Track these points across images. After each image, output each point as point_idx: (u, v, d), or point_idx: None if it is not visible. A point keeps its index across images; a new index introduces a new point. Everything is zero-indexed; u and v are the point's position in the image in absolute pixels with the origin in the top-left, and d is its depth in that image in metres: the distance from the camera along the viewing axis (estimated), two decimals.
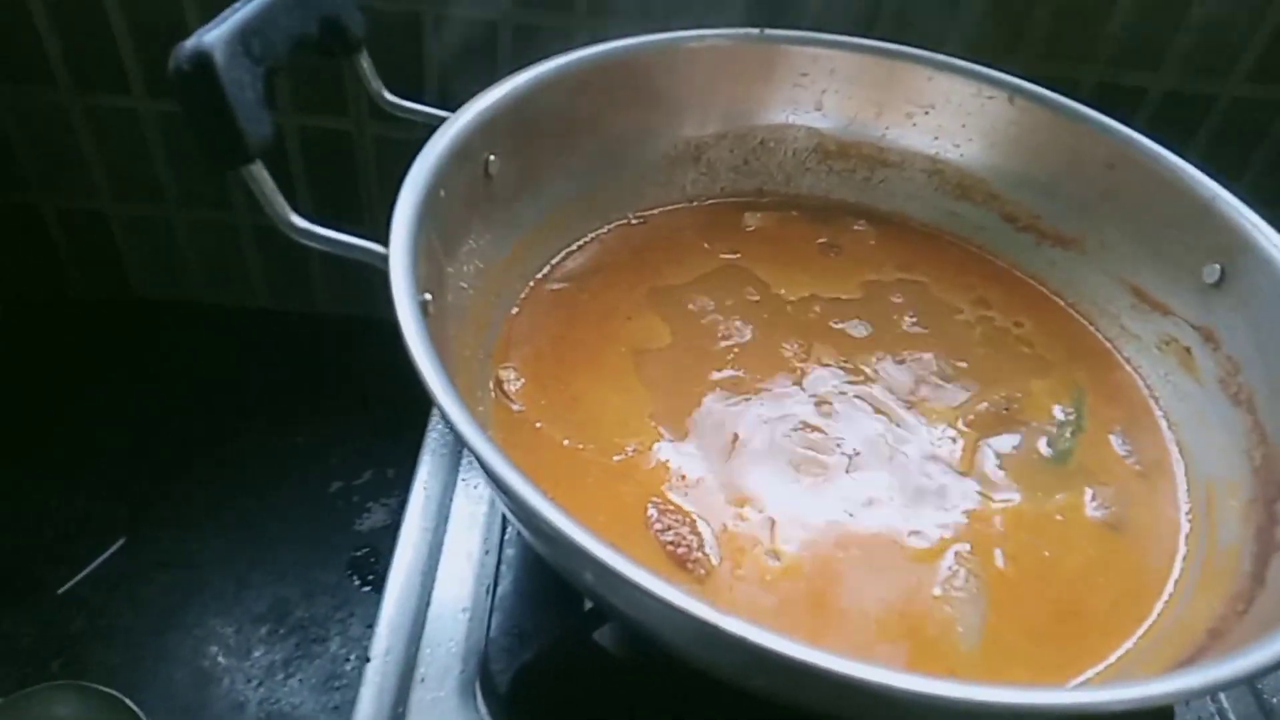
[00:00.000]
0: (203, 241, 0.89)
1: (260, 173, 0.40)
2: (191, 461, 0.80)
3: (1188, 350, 0.54)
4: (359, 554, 0.75)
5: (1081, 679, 0.42)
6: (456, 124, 0.49)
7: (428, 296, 0.43)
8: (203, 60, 0.37)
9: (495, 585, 0.51)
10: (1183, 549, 0.48)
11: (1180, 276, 0.55)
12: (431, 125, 0.50)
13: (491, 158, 0.52)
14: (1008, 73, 0.62)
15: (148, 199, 0.86)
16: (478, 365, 0.51)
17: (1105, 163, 0.59)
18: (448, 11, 0.73)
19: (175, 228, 0.88)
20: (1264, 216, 0.52)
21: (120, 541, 0.74)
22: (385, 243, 0.42)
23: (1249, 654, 0.33)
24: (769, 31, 0.62)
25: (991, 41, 0.73)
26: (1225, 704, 0.52)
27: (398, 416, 0.57)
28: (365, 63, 0.50)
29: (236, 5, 0.41)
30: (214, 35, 0.38)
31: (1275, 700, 0.52)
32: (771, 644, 0.29)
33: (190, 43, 0.37)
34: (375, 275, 0.41)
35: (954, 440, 0.51)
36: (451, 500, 0.56)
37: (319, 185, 0.84)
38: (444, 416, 0.35)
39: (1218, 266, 0.53)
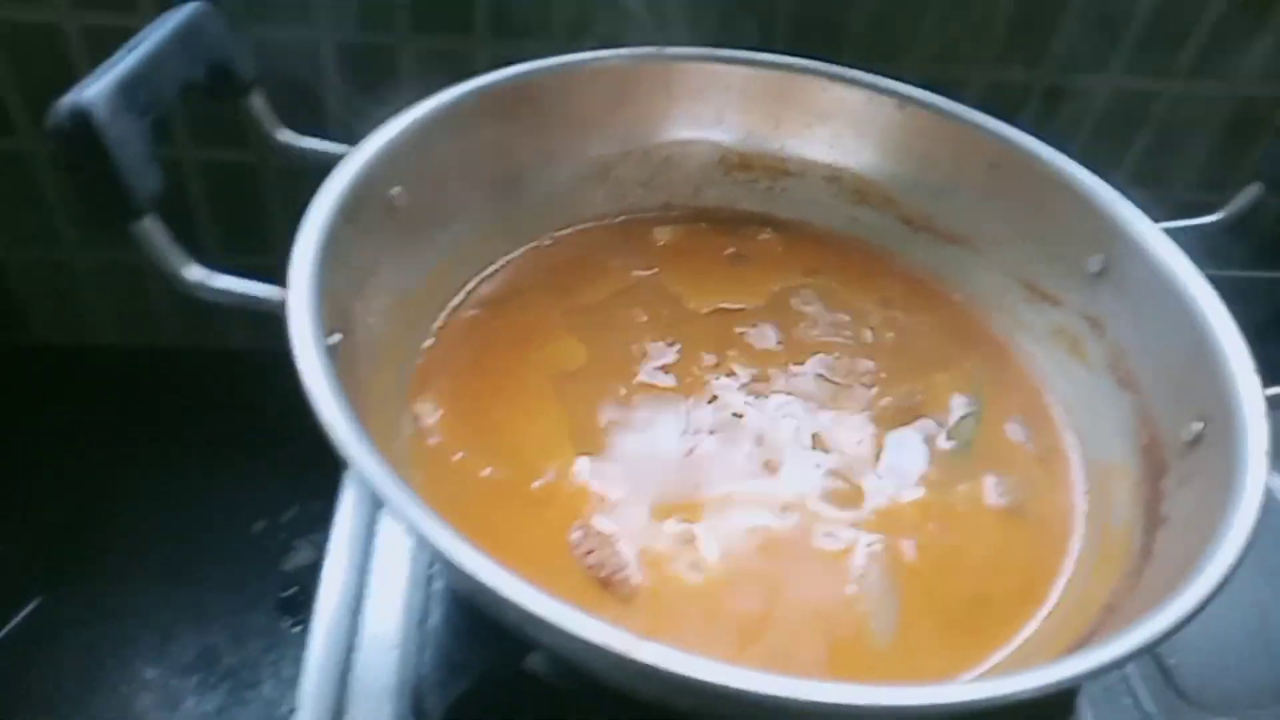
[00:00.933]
0: (105, 283, 0.87)
1: (151, 227, 0.39)
2: (107, 511, 0.78)
3: (1077, 338, 0.57)
4: (287, 594, 0.74)
5: (989, 664, 0.44)
6: (356, 160, 0.49)
7: (336, 338, 0.43)
8: (82, 118, 0.36)
9: (425, 618, 0.51)
10: (1080, 530, 0.50)
11: (1066, 268, 0.58)
12: (332, 162, 0.50)
13: (396, 190, 0.52)
14: (899, 79, 0.64)
15: (44, 243, 0.83)
16: (394, 400, 0.51)
17: (989, 162, 0.61)
18: (346, 39, 0.72)
19: (76, 270, 0.86)
20: (1144, 200, 0.55)
21: (36, 601, 0.71)
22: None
23: (1136, 629, 0.36)
24: (666, 50, 0.63)
25: (883, 49, 0.75)
26: (1130, 671, 0.55)
27: (320, 449, 0.56)
28: (259, 102, 0.50)
29: (119, 55, 0.40)
30: (94, 90, 0.37)
31: (1173, 661, 0.55)
32: (680, 668, 0.30)
33: (68, 99, 0.37)
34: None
35: (861, 439, 0.53)
36: (375, 534, 0.55)
37: (223, 220, 0.82)
38: (353, 467, 0.35)
39: (1100, 256, 0.56)
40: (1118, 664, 0.35)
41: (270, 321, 0.41)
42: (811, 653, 0.44)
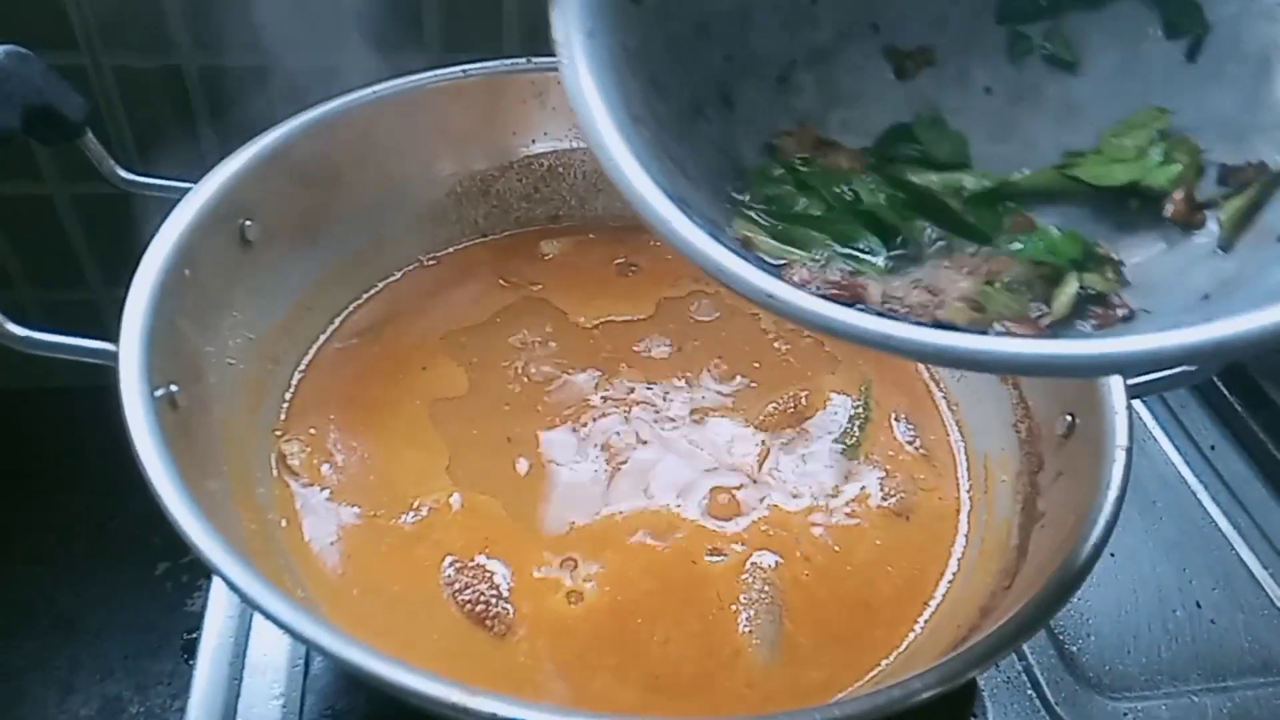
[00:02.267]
0: None
1: None
2: None
3: None
4: (193, 635, 0.72)
5: (874, 673, 0.44)
6: (199, 198, 0.47)
7: (173, 389, 0.41)
8: None
9: (307, 666, 0.49)
10: (964, 527, 0.50)
11: None
12: (175, 196, 0.48)
13: (248, 223, 0.51)
14: None
15: None
16: (256, 442, 0.49)
17: None
18: (212, 61, 0.70)
19: None
20: None
21: None
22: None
23: (998, 634, 0.36)
24: (536, 60, 0.62)
25: None
26: (1032, 662, 0.55)
27: None
28: (92, 144, 0.48)
29: None
30: None
31: (1074, 648, 0.56)
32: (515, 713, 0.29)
33: None
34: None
35: (748, 450, 0.52)
36: None
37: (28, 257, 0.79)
38: (187, 541, 0.34)
39: None
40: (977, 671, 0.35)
41: None
42: (692, 674, 0.43)
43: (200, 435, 0.43)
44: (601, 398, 0.55)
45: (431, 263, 0.63)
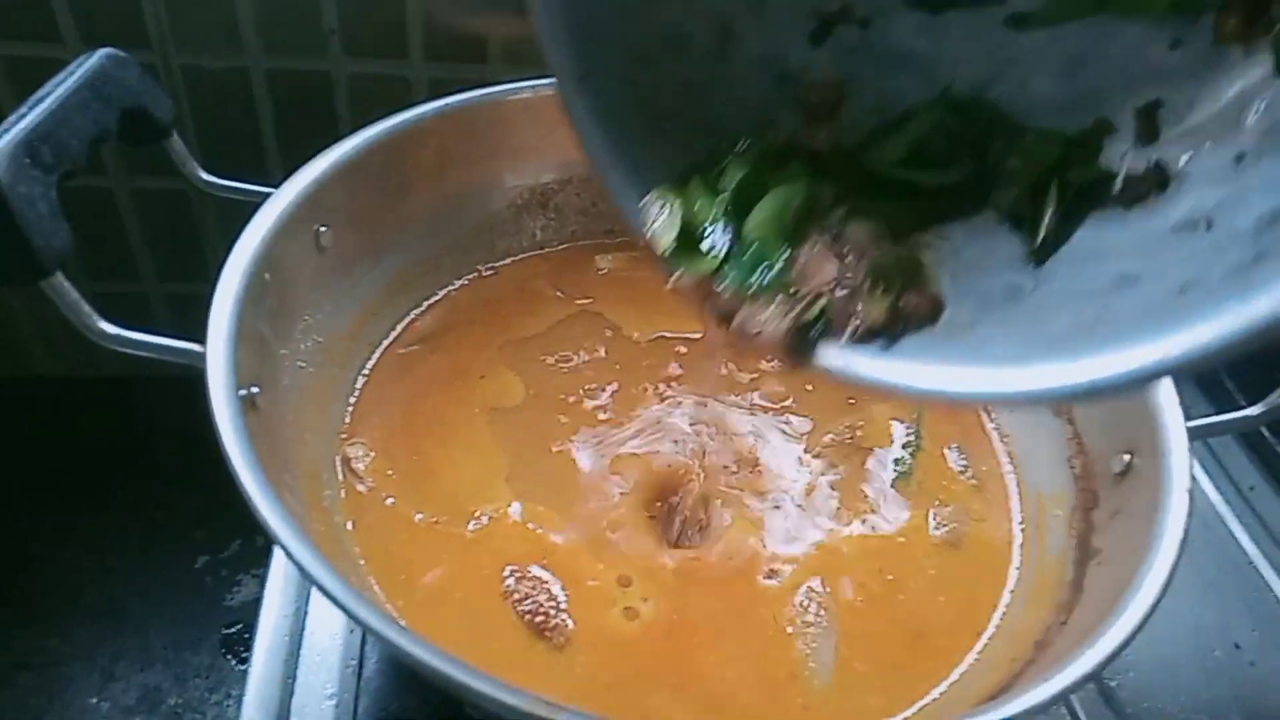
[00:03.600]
0: (39, 312, 0.85)
1: (60, 285, 0.38)
2: (43, 551, 0.76)
3: None
4: (231, 630, 0.73)
5: (927, 700, 0.44)
6: (280, 203, 0.48)
7: (254, 390, 0.42)
8: None
9: (360, 667, 0.50)
10: (1016, 559, 0.51)
11: None
12: (256, 200, 0.49)
13: (323, 229, 0.52)
14: None
15: None
16: (324, 444, 0.50)
17: None
18: (277, 65, 0.71)
19: (8, 302, 0.84)
20: None
21: None
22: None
23: (1066, 668, 0.36)
24: None
25: None
26: (1072, 696, 0.55)
27: None
28: (178, 145, 0.49)
29: (21, 109, 0.39)
30: None
31: (1114, 682, 0.56)
32: None
33: None
34: None
35: (804, 473, 0.53)
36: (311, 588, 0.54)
37: (159, 243, 0.81)
38: (273, 539, 0.34)
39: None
40: (1045, 706, 0.35)
41: None
42: (748, 696, 0.43)
43: (276, 436, 0.44)
44: (658, 414, 0.55)
45: (490, 273, 0.64)
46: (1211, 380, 0.73)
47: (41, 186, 0.37)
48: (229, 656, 0.72)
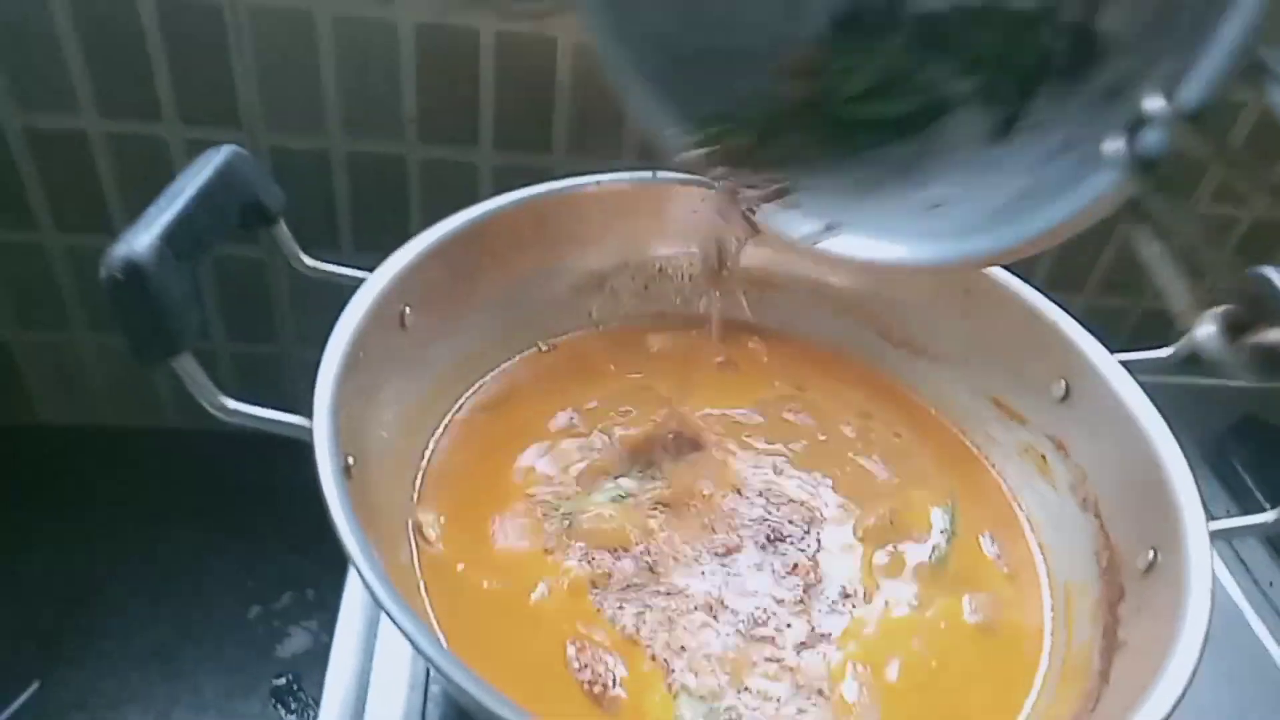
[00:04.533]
0: (109, 364, 0.89)
1: (189, 363, 0.43)
2: (103, 593, 0.80)
3: (1044, 457, 0.61)
4: (281, 681, 0.76)
5: None
6: (375, 286, 0.53)
7: (349, 460, 0.46)
8: (134, 269, 0.39)
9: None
10: (1047, 647, 0.54)
11: (1033, 390, 0.62)
12: (348, 283, 0.54)
13: (407, 310, 0.56)
14: None
15: (51, 325, 0.86)
16: (399, 509, 0.54)
17: (964, 287, 0.65)
18: (357, 148, 0.77)
19: (81, 352, 0.88)
20: (1096, 334, 0.59)
21: (34, 685, 0.73)
22: (299, 390, 0.45)
23: None
24: (661, 175, 0.67)
25: None
26: None
27: (314, 534, 0.58)
28: (284, 232, 0.54)
29: (161, 203, 0.43)
30: (144, 241, 0.40)
31: None
32: None
33: (120, 250, 0.40)
34: (282, 387, 0.44)
35: (847, 556, 0.56)
36: (377, 636, 0.57)
37: (229, 309, 0.86)
38: (376, 600, 0.38)
39: (1063, 383, 0.60)
40: None
41: (262, 404, 0.45)
42: None
43: (363, 501, 0.47)
44: (709, 490, 0.59)
45: (547, 349, 0.68)
46: (1235, 480, 0.76)
47: (178, 274, 0.42)
48: (278, 707, 0.74)
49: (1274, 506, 0.51)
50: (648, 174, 0.67)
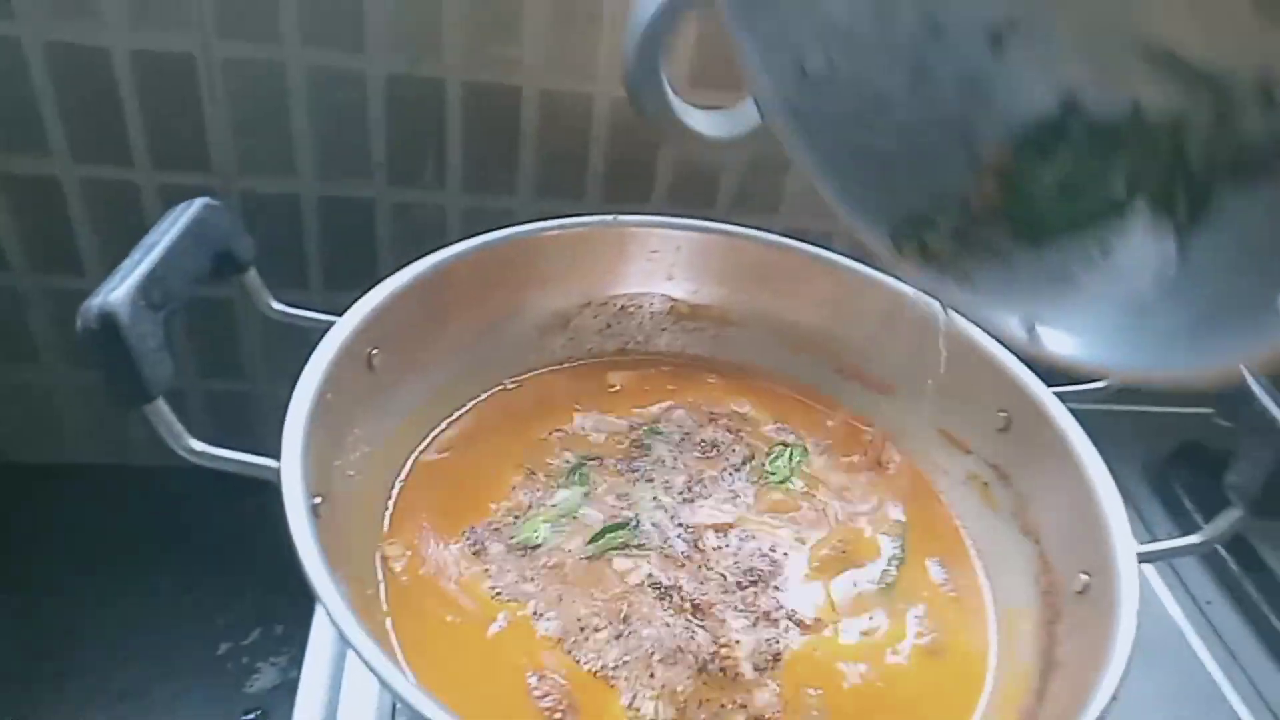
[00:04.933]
0: (79, 402, 0.90)
1: (160, 409, 0.44)
2: (73, 633, 0.80)
3: (986, 485, 0.64)
4: (250, 717, 0.77)
5: None
6: (344, 329, 0.55)
7: (318, 500, 0.48)
8: (109, 320, 0.41)
9: None
10: (991, 667, 0.56)
11: (977, 421, 0.65)
12: (317, 326, 0.56)
13: (374, 352, 0.58)
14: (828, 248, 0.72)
15: (22, 363, 0.87)
16: (367, 544, 0.56)
17: (912, 322, 0.68)
18: (326, 191, 0.79)
19: (50, 391, 0.89)
20: (1035, 369, 0.62)
21: None
22: (269, 429, 0.47)
23: None
24: (621, 218, 0.70)
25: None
26: None
27: (282, 569, 0.60)
28: (253, 279, 0.56)
29: (136, 256, 0.45)
30: (118, 294, 0.42)
31: None
32: None
33: (96, 302, 0.42)
34: (252, 426, 0.46)
35: (801, 584, 0.58)
36: (344, 669, 0.59)
37: (199, 348, 0.87)
38: (346, 640, 0.40)
39: (1005, 414, 0.63)
40: None
41: (230, 443, 0.46)
42: None
43: (331, 540, 0.49)
44: (664, 522, 0.61)
45: (513, 386, 0.71)
46: (1175, 504, 0.80)
47: (152, 324, 0.44)
48: None
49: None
50: (608, 217, 0.70)
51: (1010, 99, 0.42)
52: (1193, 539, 0.54)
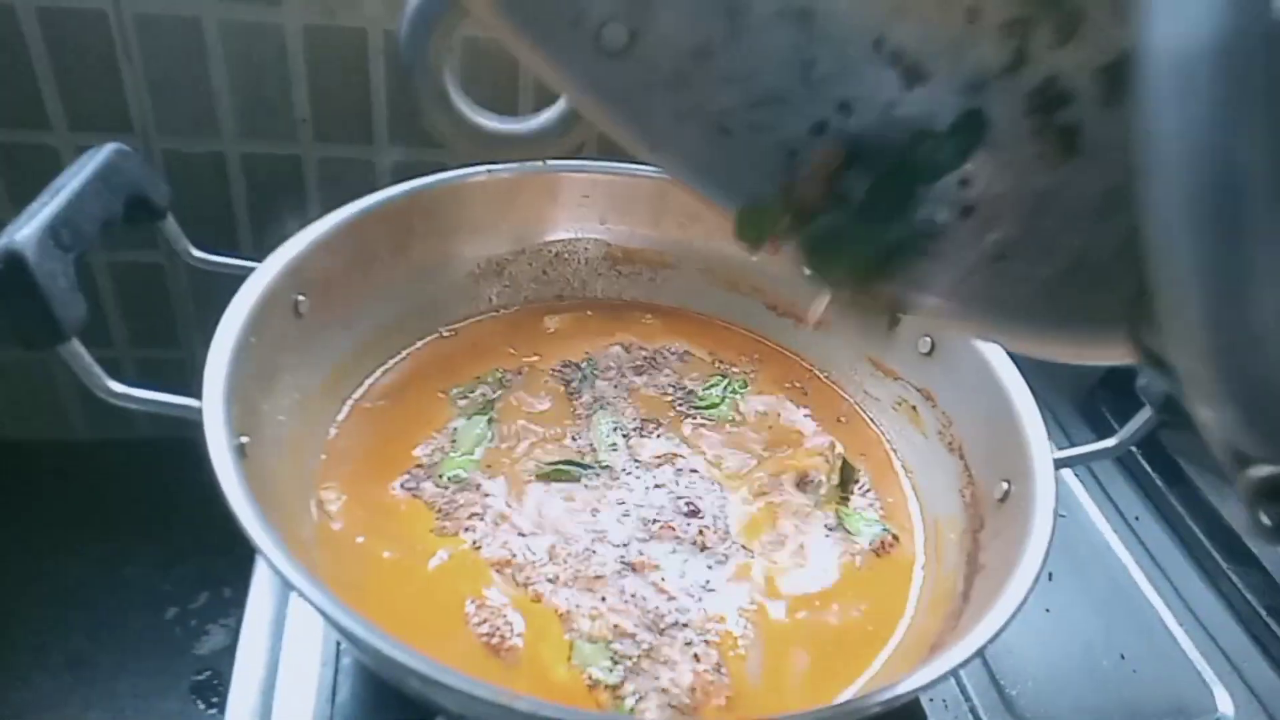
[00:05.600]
0: (13, 377, 0.89)
1: (76, 349, 0.44)
2: (12, 607, 0.79)
3: (914, 408, 0.66)
4: (201, 677, 0.77)
5: (847, 694, 0.50)
6: (264, 275, 0.55)
7: (244, 440, 0.48)
8: (15, 259, 0.41)
9: (334, 695, 0.55)
10: (919, 578, 0.58)
11: (903, 348, 0.67)
12: (241, 273, 0.55)
13: (301, 298, 0.58)
14: None
15: None
16: (300, 490, 0.56)
17: None
18: (252, 149, 0.78)
19: None
20: None
21: None
22: (200, 391, 0.47)
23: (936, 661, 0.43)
24: (551, 163, 0.70)
25: None
26: (976, 703, 0.62)
27: (229, 535, 0.60)
28: (172, 226, 0.55)
29: (44, 198, 0.45)
30: (25, 233, 0.42)
31: (1013, 691, 0.63)
32: (555, 714, 0.36)
33: (1, 242, 0.41)
34: (191, 392, 0.46)
35: (739, 506, 0.60)
36: (286, 617, 0.59)
37: (133, 317, 0.86)
38: (269, 566, 0.40)
39: (929, 339, 0.65)
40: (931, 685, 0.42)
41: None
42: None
43: (261, 482, 0.49)
44: (604, 456, 0.62)
45: (449, 334, 0.71)
46: (1095, 415, 0.82)
47: (62, 264, 0.43)
48: (199, 702, 0.75)
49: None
50: (539, 163, 0.70)
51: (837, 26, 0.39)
52: (1107, 443, 0.56)
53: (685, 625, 0.52)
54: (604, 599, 0.53)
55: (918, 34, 0.37)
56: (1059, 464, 0.53)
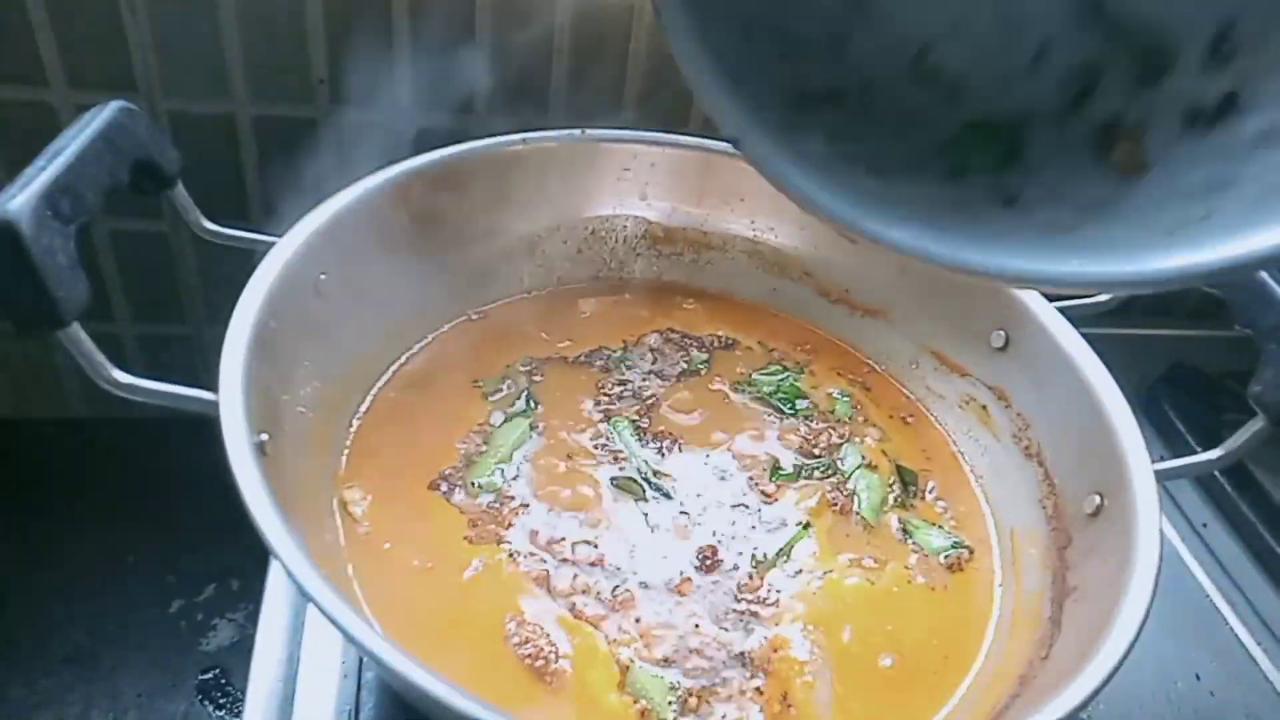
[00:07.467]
0: (9, 354, 0.83)
1: (77, 334, 0.39)
2: (11, 597, 0.74)
3: (984, 408, 0.61)
4: (208, 676, 0.72)
5: None
6: (286, 250, 0.49)
7: (264, 437, 0.43)
8: (7, 232, 0.35)
9: (357, 713, 0.50)
10: (997, 598, 0.53)
11: (972, 342, 0.62)
12: (255, 248, 0.50)
13: (322, 277, 0.52)
14: None
15: None
16: (322, 489, 0.51)
17: None
18: (263, 111, 0.72)
19: None
20: None
21: None
22: (213, 375, 0.42)
23: (1050, 706, 0.38)
24: (590, 131, 0.65)
25: None
26: None
27: (235, 522, 0.55)
28: (182, 195, 0.49)
29: (40, 162, 0.39)
30: (18, 202, 0.36)
31: (1085, 714, 0.58)
32: None
33: None
34: (196, 373, 0.41)
35: (796, 522, 0.55)
36: (304, 625, 0.54)
37: (135, 291, 0.80)
38: (293, 579, 0.35)
39: (1002, 333, 0.60)
40: None
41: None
42: None
43: (281, 481, 0.44)
44: (644, 453, 0.57)
45: (478, 317, 0.65)
46: (1166, 425, 0.77)
47: (61, 238, 0.38)
48: (205, 703, 0.71)
49: (1205, 449, 0.51)
50: (576, 131, 0.65)
51: None
52: (1212, 454, 0.51)
53: (747, 652, 0.47)
54: (656, 621, 0.48)
55: None
56: (1161, 476, 0.48)
